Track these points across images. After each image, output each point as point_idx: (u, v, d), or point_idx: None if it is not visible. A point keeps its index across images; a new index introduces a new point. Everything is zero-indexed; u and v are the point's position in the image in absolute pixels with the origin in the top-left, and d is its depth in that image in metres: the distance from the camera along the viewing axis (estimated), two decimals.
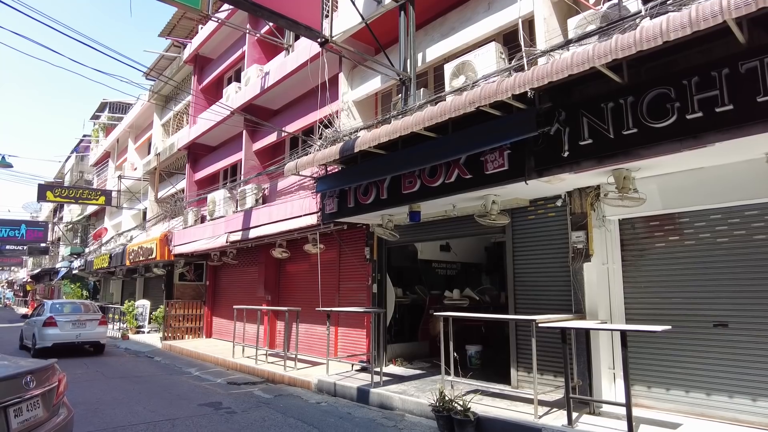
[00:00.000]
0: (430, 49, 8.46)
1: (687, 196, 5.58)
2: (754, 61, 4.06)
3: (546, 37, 6.49)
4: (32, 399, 3.54)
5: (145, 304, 18.77)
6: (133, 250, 17.35)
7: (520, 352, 6.96)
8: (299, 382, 8.65)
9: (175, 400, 7.67)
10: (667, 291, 5.78)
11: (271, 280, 12.61)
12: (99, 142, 30.46)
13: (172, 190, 18.91)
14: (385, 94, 10.02)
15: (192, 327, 15.57)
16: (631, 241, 6.14)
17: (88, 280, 27.91)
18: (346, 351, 10.03)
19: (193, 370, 10.62)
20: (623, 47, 4.29)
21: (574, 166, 5.24)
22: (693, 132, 4.41)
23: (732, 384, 5.19)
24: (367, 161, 7.56)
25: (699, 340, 5.47)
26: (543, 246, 6.92)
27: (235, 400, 7.67)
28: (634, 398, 5.68)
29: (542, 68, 4.84)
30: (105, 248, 23.42)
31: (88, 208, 29.38)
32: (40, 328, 12.99)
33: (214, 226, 13.03)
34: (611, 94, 4.97)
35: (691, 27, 3.88)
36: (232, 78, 15.99)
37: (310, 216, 9.39)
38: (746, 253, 5.25)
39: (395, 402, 6.87)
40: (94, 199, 22.89)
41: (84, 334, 13.33)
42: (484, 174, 6.08)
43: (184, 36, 17.97)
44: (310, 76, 10.04)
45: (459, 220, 7.99)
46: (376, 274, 9.44)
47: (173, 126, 20.15)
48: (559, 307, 6.53)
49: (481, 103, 5.31)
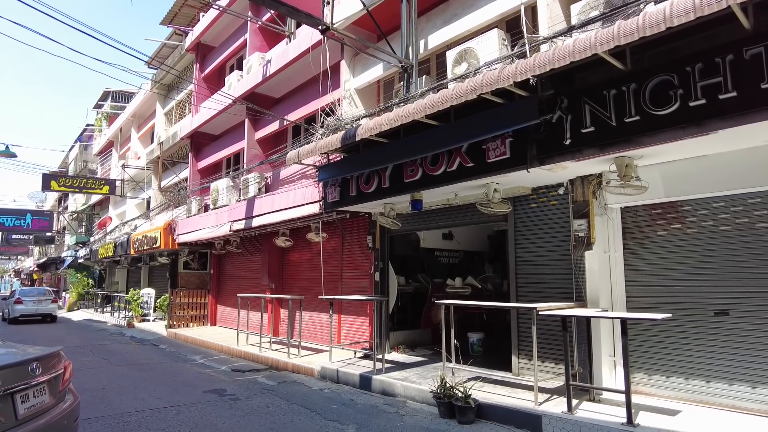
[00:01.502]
0: (432, 36, 8.40)
1: (689, 184, 5.55)
2: (759, 47, 4.01)
3: (549, 24, 6.42)
4: (39, 385, 3.58)
5: (150, 293, 18.93)
6: (137, 239, 17.45)
7: (522, 340, 6.99)
8: (303, 369, 8.74)
9: (180, 387, 7.77)
10: (668, 279, 5.78)
11: (275, 269, 12.68)
12: (102, 131, 30.49)
13: (176, 179, 18.95)
14: (388, 81, 9.97)
15: (197, 315, 15.71)
16: (633, 229, 6.13)
17: (93, 268, 28.13)
18: (349, 338, 10.11)
19: (197, 357, 10.73)
20: (626, 33, 4.24)
21: (576, 154, 5.22)
22: (696, 119, 4.38)
23: (732, 371, 5.21)
24: (369, 150, 7.55)
25: (700, 328, 5.49)
26: (545, 234, 6.92)
27: (239, 386, 7.75)
28: (634, 385, 5.73)
29: (544, 55, 4.80)
30: (110, 237, 23.56)
31: (92, 198, 29.49)
32: (12, 305, 20.08)
33: (217, 215, 13.08)
34: (614, 81, 4.93)
35: (695, 12, 3.84)
36: (234, 66, 15.93)
37: (312, 205, 9.40)
38: (748, 242, 5.24)
39: (397, 389, 6.94)
40: (98, 188, 22.95)
41: (41, 309, 20.05)
42: (485, 162, 6.07)
43: (186, 24, 17.89)
44: (312, 64, 9.99)
45: (461, 208, 7.99)
46: (378, 262, 9.48)
47: (176, 115, 20.14)
48: (561, 295, 6.55)
49: (482, 90, 5.28)
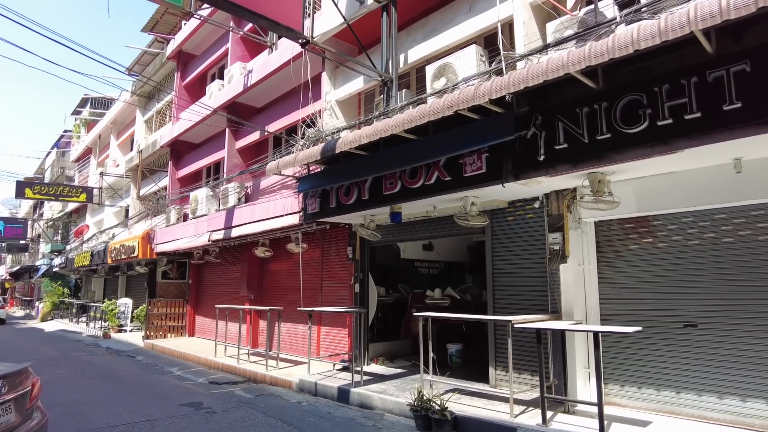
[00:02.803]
0: (412, 50, 8.50)
1: (660, 199, 5.70)
2: (720, 70, 4.17)
3: (525, 41, 6.56)
4: (4, 404, 3.52)
5: (127, 303, 18.58)
6: (115, 248, 17.17)
7: (498, 352, 7.06)
8: (281, 381, 8.67)
9: (156, 399, 7.65)
10: (640, 292, 5.92)
11: (254, 279, 12.58)
12: (80, 137, 29.96)
13: (155, 188, 18.72)
14: (369, 93, 10.04)
15: (175, 326, 15.47)
16: (607, 242, 6.26)
17: (69, 277, 27.53)
18: (328, 350, 10.07)
19: (174, 369, 10.57)
20: (596, 54, 4.37)
21: (550, 170, 5.33)
22: (664, 138, 4.51)
23: (700, 383, 5.34)
24: (349, 161, 7.59)
25: (670, 340, 5.62)
26: (521, 247, 7.02)
27: (216, 399, 7.67)
28: (607, 397, 5.83)
29: (518, 73, 4.91)
30: (86, 246, 23.11)
31: (69, 205, 28.93)
32: None
33: (196, 224, 12.96)
34: (586, 99, 5.06)
35: (661, 37, 3.98)
36: (216, 75, 15.86)
37: (292, 215, 9.39)
38: (715, 256, 5.40)
39: (375, 401, 6.94)
40: (74, 196, 22.54)
41: None
42: (462, 176, 6.15)
43: (168, 32, 17.76)
44: (293, 76, 10.02)
45: (440, 220, 8.06)
46: (358, 273, 9.48)
47: (156, 122, 19.93)
48: (537, 307, 6.64)
49: (459, 107, 5.37)
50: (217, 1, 6.49)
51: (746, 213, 5.22)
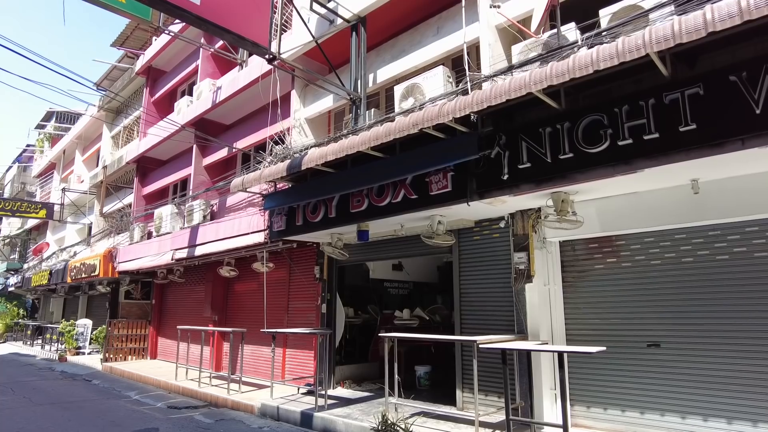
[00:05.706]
0: (381, 71, 8.53)
1: (623, 219, 5.77)
2: (676, 92, 4.27)
3: (491, 62, 6.64)
4: None
5: (86, 324, 17.77)
6: (75, 267, 16.50)
7: (465, 373, 6.95)
8: (242, 405, 8.34)
9: (108, 427, 7.23)
10: (604, 311, 5.93)
11: (219, 300, 12.22)
12: (44, 152, 29.04)
13: (120, 205, 18.17)
14: (338, 112, 10.01)
15: (136, 348, 14.86)
16: (572, 262, 6.29)
17: (25, 297, 26.33)
18: (294, 373, 9.78)
19: (132, 393, 10.08)
20: (557, 74, 4.43)
21: (514, 189, 5.34)
22: (624, 158, 4.58)
23: (664, 402, 5.33)
24: (316, 179, 7.49)
25: (634, 360, 5.62)
26: (488, 266, 6.99)
27: (174, 425, 7.30)
28: (574, 418, 5.76)
29: (482, 93, 4.94)
30: (46, 264, 22.18)
31: (28, 222, 27.84)
32: None
33: (160, 242, 12.56)
34: (549, 119, 5.12)
35: (619, 58, 4.05)
36: (186, 91, 15.65)
37: (257, 233, 9.18)
38: (676, 275, 5.46)
39: (339, 426, 6.71)
40: (33, 212, 21.68)
41: None
42: (429, 195, 6.12)
43: (138, 47, 17.49)
44: (262, 93, 9.92)
45: (408, 239, 8.00)
46: (326, 293, 9.29)
47: (123, 138, 19.47)
48: (504, 327, 6.58)
49: (424, 125, 5.36)
50: (183, 14, 6.38)
51: (704, 233, 5.31)
